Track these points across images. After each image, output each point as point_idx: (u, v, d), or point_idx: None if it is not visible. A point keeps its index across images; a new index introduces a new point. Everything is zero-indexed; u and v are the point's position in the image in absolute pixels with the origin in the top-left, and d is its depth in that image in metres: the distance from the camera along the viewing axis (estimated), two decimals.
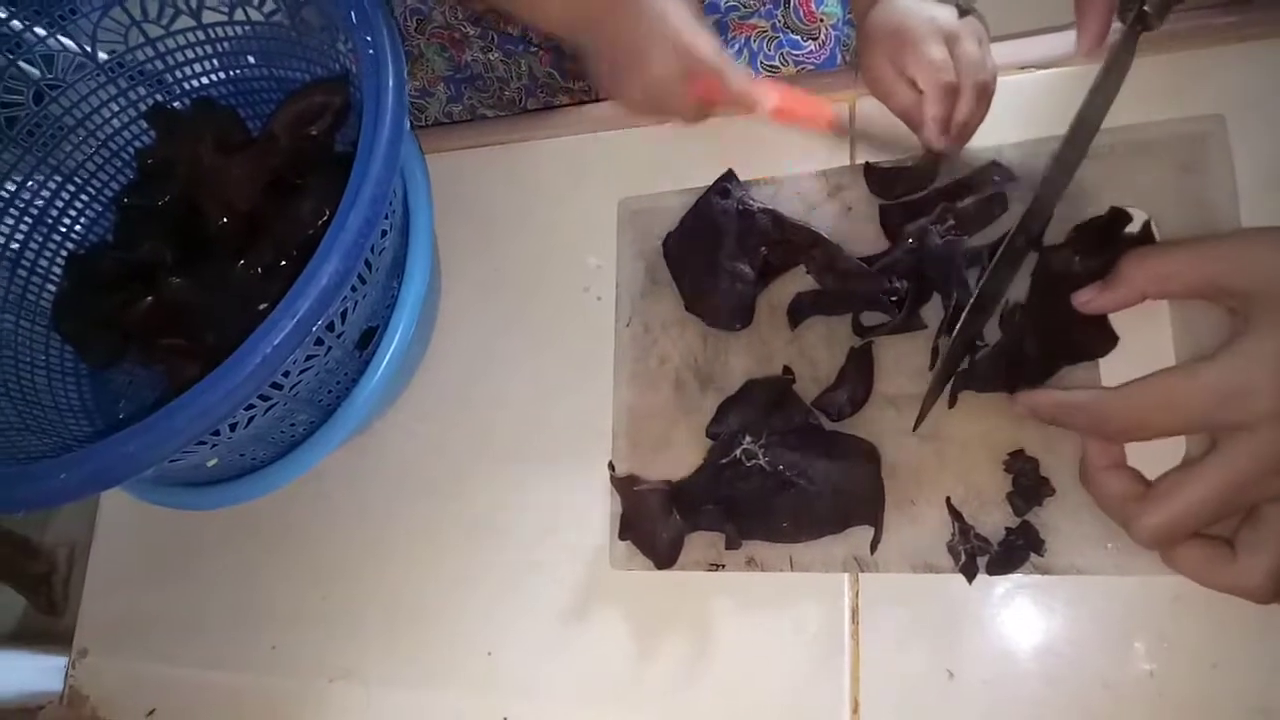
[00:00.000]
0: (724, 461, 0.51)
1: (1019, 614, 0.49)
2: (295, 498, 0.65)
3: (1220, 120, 0.50)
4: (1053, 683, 0.47)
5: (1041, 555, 0.48)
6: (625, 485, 0.52)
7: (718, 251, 0.55)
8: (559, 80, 0.79)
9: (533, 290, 0.64)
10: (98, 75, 0.64)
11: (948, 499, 0.50)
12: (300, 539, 0.65)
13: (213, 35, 0.64)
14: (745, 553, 0.53)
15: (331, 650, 0.62)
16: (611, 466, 0.52)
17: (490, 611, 0.59)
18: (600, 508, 0.57)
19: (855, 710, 0.50)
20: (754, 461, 0.50)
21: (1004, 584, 0.49)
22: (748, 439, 0.51)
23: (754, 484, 0.50)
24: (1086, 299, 0.46)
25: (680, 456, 0.55)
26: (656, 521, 0.52)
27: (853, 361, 0.53)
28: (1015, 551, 0.48)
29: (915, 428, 0.50)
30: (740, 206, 0.56)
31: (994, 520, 0.49)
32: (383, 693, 0.60)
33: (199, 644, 0.65)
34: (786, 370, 0.54)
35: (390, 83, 0.48)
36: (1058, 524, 0.48)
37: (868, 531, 0.51)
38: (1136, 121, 0.51)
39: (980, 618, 0.49)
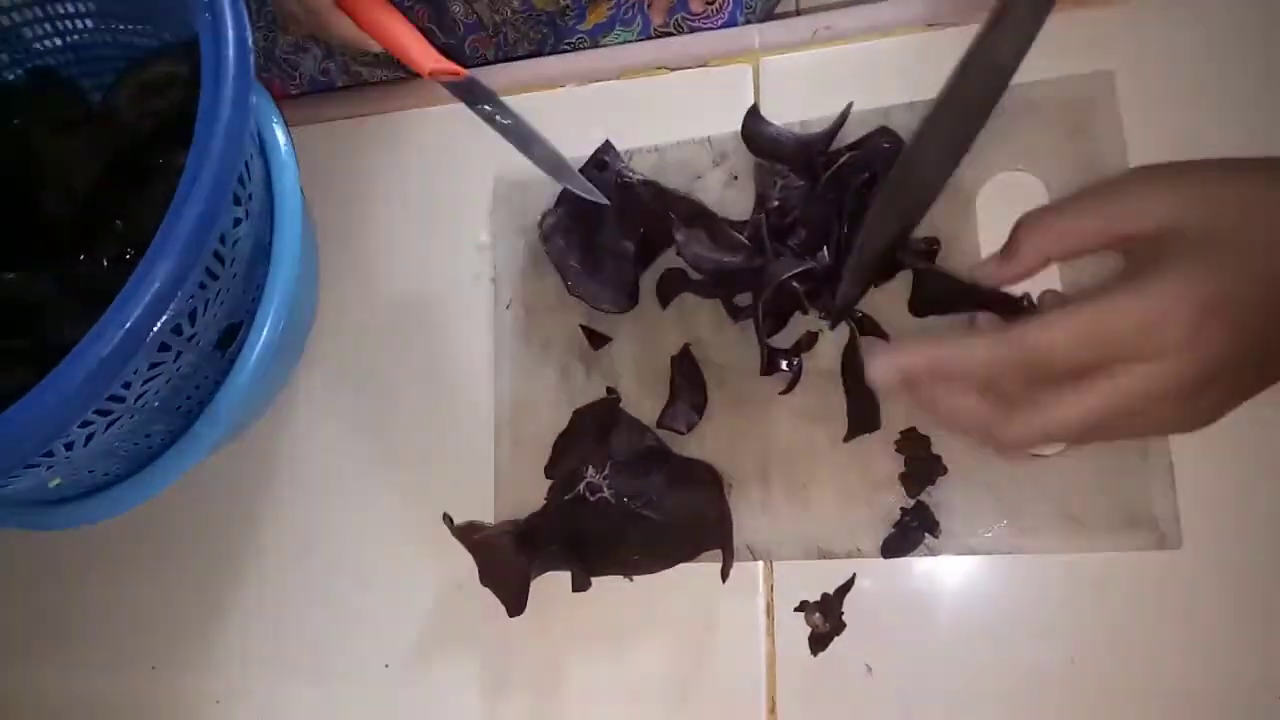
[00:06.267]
0: (568, 498, 0.48)
1: (936, 603, 0.48)
2: (172, 505, 0.60)
3: (1109, 78, 0.49)
4: (972, 672, 0.47)
5: (937, 536, 0.47)
6: (466, 535, 0.49)
7: (598, 229, 0.52)
8: (439, 38, 0.74)
9: (418, 273, 0.60)
10: None
11: None
12: (179, 549, 0.61)
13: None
14: None
15: (217, 669, 0.58)
16: (447, 518, 0.49)
17: (387, 621, 0.56)
18: (491, 509, 0.54)
19: (772, 710, 0.49)
20: (599, 495, 0.48)
21: (920, 572, 0.48)
22: (590, 471, 0.48)
23: (600, 519, 0.48)
24: (986, 273, 0.43)
25: None
26: (507, 566, 0.49)
27: (678, 370, 0.52)
28: (910, 533, 0.47)
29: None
30: (619, 179, 0.52)
31: (888, 502, 0.48)
32: (274, 713, 0.56)
33: (71, 667, 0.60)
34: (610, 390, 0.52)
35: (231, 52, 0.42)
36: (952, 503, 0.47)
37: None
38: (1024, 81, 0.49)
39: (897, 609, 0.48)
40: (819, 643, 0.48)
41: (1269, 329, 0.35)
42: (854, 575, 0.48)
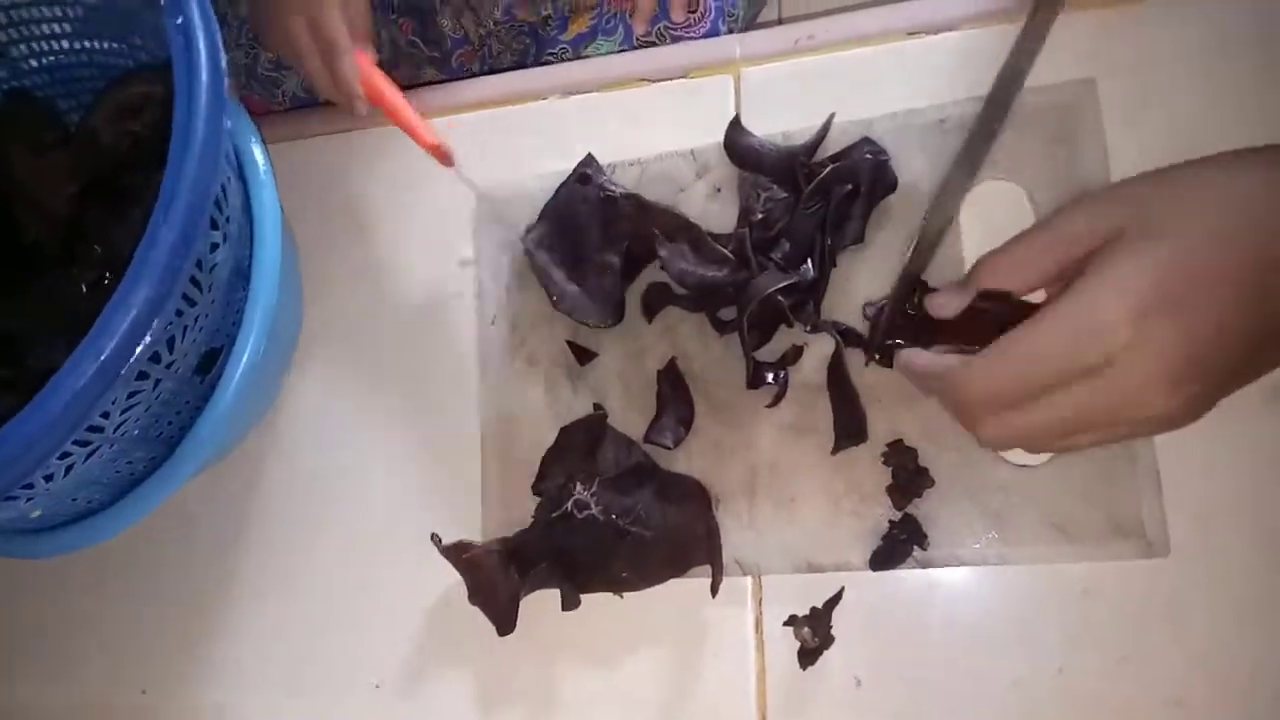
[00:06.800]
0: (555, 515, 0.48)
1: (926, 615, 0.48)
2: (159, 528, 0.59)
3: (1091, 86, 0.48)
4: (963, 683, 0.47)
5: (925, 549, 0.46)
6: (454, 554, 0.49)
7: (582, 243, 0.52)
8: (423, 50, 0.73)
9: (403, 289, 0.60)
10: None
11: None
12: (167, 569, 0.60)
13: (16, 18, 0.56)
14: None
15: (207, 691, 0.57)
16: (436, 538, 0.48)
17: (377, 640, 0.55)
18: (478, 527, 0.54)
19: None
20: (587, 512, 0.48)
21: (909, 584, 0.48)
22: (578, 488, 0.48)
23: (589, 536, 0.48)
24: (941, 303, 0.43)
25: None
26: (496, 585, 0.49)
27: (664, 384, 0.51)
28: (898, 546, 0.47)
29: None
30: (602, 194, 0.52)
31: (875, 515, 0.48)
32: None
33: (61, 689, 0.60)
34: (597, 407, 0.52)
35: (204, 76, 0.42)
36: (938, 515, 0.47)
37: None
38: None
39: (886, 621, 0.48)
40: (808, 657, 0.48)
41: (1223, 311, 0.34)
42: (842, 589, 0.48)
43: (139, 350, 0.38)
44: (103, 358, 0.37)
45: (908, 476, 0.47)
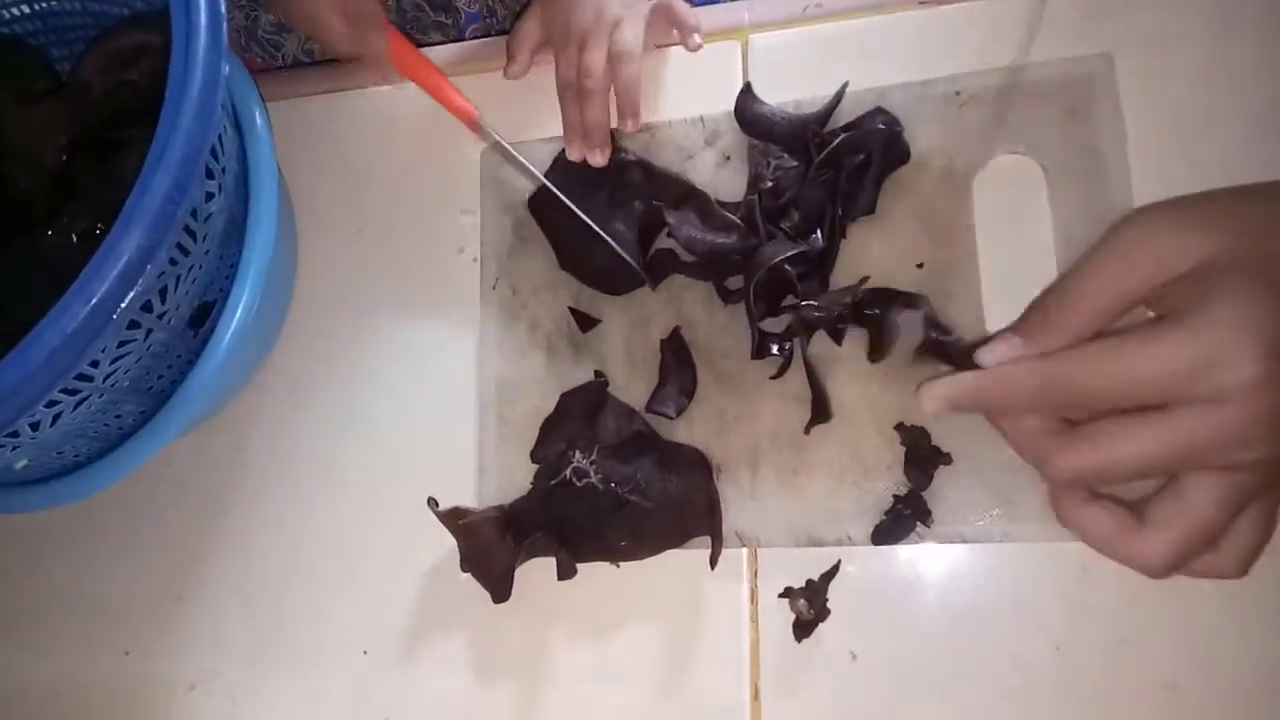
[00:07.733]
0: (554, 483, 0.47)
1: (923, 590, 0.47)
2: (144, 486, 0.59)
3: (1108, 60, 0.48)
4: (959, 660, 0.46)
5: (928, 525, 0.46)
6: (451, 520, 0.48)
7: (590, 210, 0.51)
8: (429, 15, 0.72)
9: (401, 251, 0.59)
10: None
11: None
12: (152, 532, 0.59)
13: None
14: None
15: (191, 654, 0.56)
16: (433, 502, 0.47)
17: (365, 606, 0.54)
18: (474, 494, 0.53)
19: (756, 696, 0.48)
20: (586, 480, 0.47)
21: (906, 560, 0.47)
22: (577, 456, 0.47)
23: (587, 504, 0.47)
24: (997, 356, 0.39)
25: None
26: (491, 553, 0.48)
27: (668, 353, 0.50)
28: (903, 521, 0.46)
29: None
30: (614, 158, 0.51)
31: (879, 489, 0.47)
32: (249, 699, 0.55)
33: (42, 651, 0.59)
34: (598, 374, 0.51)
35: (203, 20, 0.40)
36: (944, 492, 0.46)
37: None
38: (1022, 62, 0.49)
39: (883, 596, 0.47)
40: (803, 629, 0.47)
41: None
42: (839, 561, 0.47)
43: (130, 296, 0.37)
44: (93, 301, 0.36)
45: (924, 454, 0.46)
